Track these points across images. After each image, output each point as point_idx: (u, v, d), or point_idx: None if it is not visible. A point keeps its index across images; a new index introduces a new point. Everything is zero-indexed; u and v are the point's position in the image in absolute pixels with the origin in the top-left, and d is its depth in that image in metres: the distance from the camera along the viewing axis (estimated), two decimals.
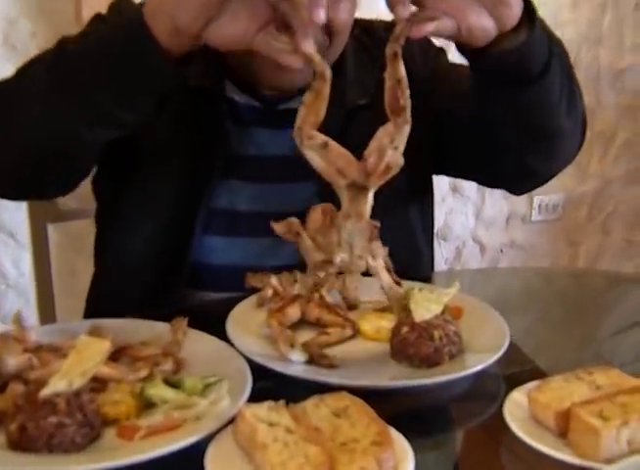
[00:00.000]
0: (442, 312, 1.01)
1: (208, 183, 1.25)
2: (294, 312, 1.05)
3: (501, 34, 1.00)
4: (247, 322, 1.05)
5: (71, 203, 1.81)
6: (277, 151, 1.30)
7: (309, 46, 0.91)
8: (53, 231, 2.03)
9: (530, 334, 1.21)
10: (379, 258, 0.97)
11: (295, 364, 0.96)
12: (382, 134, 0.91)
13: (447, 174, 1.52)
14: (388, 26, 1.34)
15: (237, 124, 1.28)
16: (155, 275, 1.27)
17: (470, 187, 2.84)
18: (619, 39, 3.01)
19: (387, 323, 1.04)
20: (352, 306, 1.14)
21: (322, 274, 0.98)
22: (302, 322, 1.08)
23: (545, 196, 3.03)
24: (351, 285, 1.14)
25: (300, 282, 1.14)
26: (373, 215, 0.96)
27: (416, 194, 1.40)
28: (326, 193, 1.21)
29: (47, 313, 1.70)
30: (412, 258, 1.39)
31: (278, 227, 1.01)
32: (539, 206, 3.05)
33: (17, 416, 0.78)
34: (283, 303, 1.06)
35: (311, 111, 0.91)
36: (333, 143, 0.92)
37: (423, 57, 1.36)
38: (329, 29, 1.17)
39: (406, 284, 1.14)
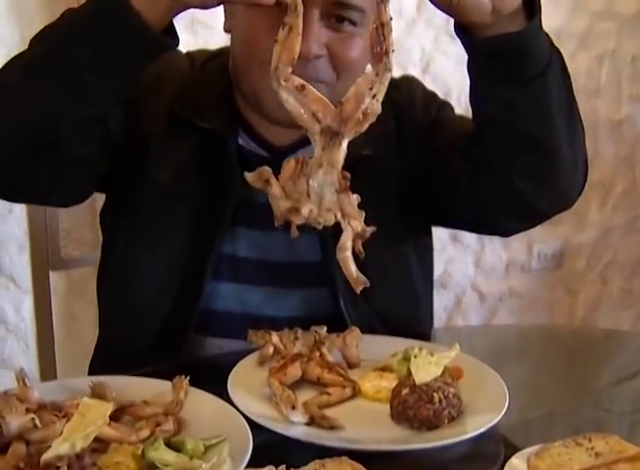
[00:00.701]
0: (442, 374, 1.02)
1: (219, 229, 1.26)
2: (294, 372, 1.06)
3: (498, 21, 1.01)
4: (248, 381, 1.06)
5: (73, 251, 1.83)
6: None
7: None
8: (54, 277, 2.04)
9: (529, 383, 1.22)
10: (347, 251, 0.92)
11: (296, 425, 0.97)
12: (362, 81, 0.89)
13: (442, 224, 1.50)
14: (396, 83, 1.37)
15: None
16: (164, 319, 1.27)
17: (470, 236, 2.85)
18: (617, 91, 3.04)
19: (387, 384, 1.05)
20: (353, 365, 1.15)
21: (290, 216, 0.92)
22: (303, 380, 1.08)
23: (544, 244, 3.04)
24: (352, 343, 1.15)
25: (302, 339, 1.15)
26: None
27: (415, 243, 1.41)
28: (327, 244, 1.23)
29: (47, 357, 1.71)
30: (411, 306, 1.40)
31: (249, 176, 0.95)
32: (538, 254, 3.06)
33: None
34: (284, 362, 1.06)
35: (285, 47, 0.90)
36: (310, 87, 0.91)
37: (424, 107, 1.39)
38: (337, 66, 1.18)
39: (407, 342, 1.16)
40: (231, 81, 1.29)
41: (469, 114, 1.24)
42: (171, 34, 1.04)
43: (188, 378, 1.03)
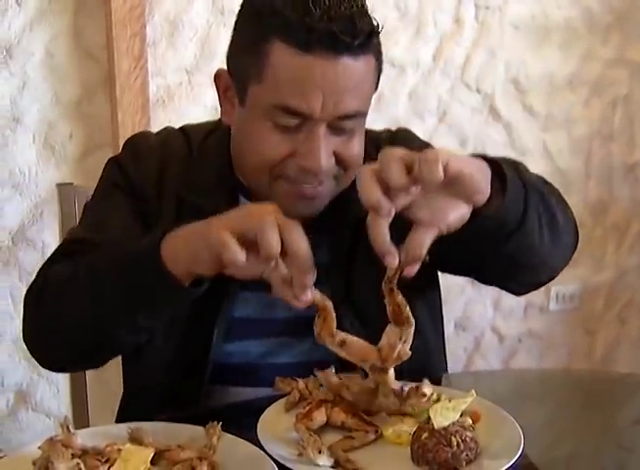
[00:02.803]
0: (460, 418, 1.07)
1: (228, 294, 1.32)
2: (320, 417, 1.11)
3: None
4: (276, 427, 1.11)
5: None
6: None
7: (307, 296, 1.01)
8: None
9: (550, 425, 1.26)
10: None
11: (322, 468, 1.02)
12: (391, 333, 1.06)
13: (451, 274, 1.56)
14: (392, 137, 1.44)
15: None
16: (178, 376, 1.34)
17: None
18: (630, 135, 3.10)
19: (407, 428, 1.10)
20: None
21: None
22: (328, 425, 1.13)
23: (562, 286, 3.08)
24: None
25: (325, 384, 1.21)
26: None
27: (423, 297, 1.44)
28: (335, 294, 1.28)
29: (80, 400, 1.76)
30: (423, 356, 1.43)
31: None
32: (556, 296, 3.10)
33: None
34: (310, 408, 1.12)
35: (324, 327, 1.08)
36: (349, 338, 1.08)
37: None
38: (343, 164, 1.25)
39: None
40: (230, 158, 1.34)
41: None
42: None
43: (220, 424, 1.09)
